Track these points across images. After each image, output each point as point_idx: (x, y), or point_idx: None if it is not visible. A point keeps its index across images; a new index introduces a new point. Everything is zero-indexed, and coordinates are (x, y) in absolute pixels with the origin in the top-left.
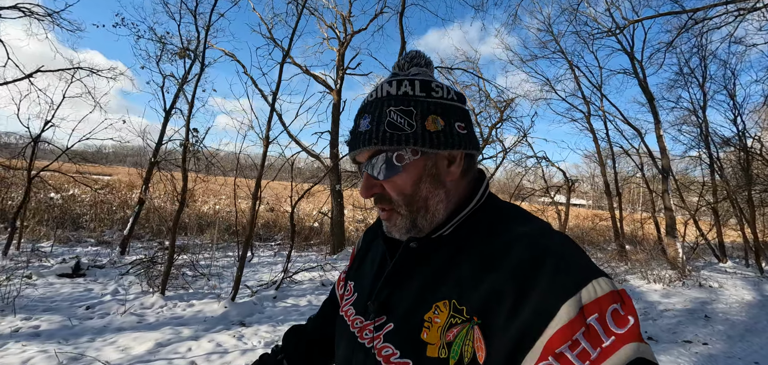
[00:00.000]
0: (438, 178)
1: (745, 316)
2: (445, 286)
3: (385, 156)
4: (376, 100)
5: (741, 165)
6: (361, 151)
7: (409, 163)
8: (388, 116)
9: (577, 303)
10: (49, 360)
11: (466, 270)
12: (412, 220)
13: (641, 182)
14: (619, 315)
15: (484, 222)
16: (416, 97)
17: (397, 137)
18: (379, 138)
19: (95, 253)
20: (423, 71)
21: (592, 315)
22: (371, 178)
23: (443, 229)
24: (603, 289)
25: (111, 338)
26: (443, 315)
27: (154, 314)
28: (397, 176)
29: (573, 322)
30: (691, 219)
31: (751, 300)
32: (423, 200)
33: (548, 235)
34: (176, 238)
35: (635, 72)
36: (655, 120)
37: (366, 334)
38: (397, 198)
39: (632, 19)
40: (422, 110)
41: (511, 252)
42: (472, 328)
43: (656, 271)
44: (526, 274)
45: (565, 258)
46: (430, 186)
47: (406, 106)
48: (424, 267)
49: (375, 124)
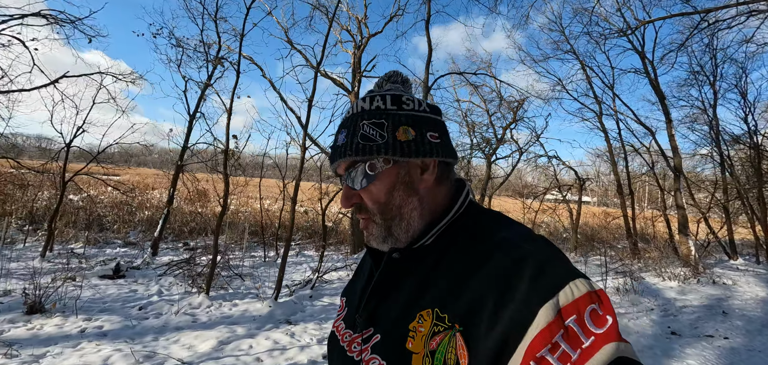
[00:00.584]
0: (411, 185)
1: (761, 312)
2: (429, 295)
3: (361, 165)
4: (352, 115)
5: (751, 162)
6: (340, 163)
7: (382, 172)
8: (362, 129)
9: (555, 306)
10: (126, 358)
11: (448, 278)
12: (387, 228)
13: (652, 180)
14: (598, 315)
15: (465, 229)
16: (387, 110)
17: (369, 148)
18: (353, 149)
19: (124, 254)
20: (396, 87)
21: (570, 316)
22: (350, 189)
23: (425, 239)
24: (580, 290)
25: (173, 336)
26: (427, 324)
27: (205, 314)
28: (371, 185)
29: (552, 325)
30: (704, 217)
31: (765, 296)
32: (397, 208)
33: (528, 240)
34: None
35: (646, 71)
36: (667, 119)
37: (354, 347)
38: (372, 206)
39: (644, 20)
40: (393, 122)
41: (492, 259)
42: (454, 336)
43: (670, 269)
44: (506, 280)
45: (543, 263)
46: (403, 194)
47: (377, 118)
48: (408, 278)
49: (350, 137)
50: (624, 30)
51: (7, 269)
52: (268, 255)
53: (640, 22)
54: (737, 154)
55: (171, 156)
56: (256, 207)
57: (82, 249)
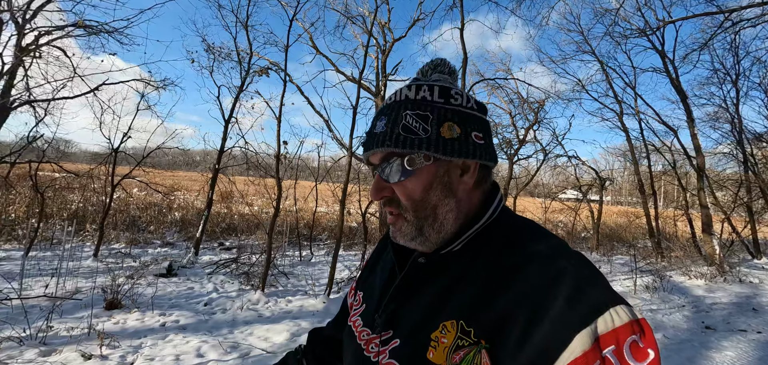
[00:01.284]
0: (449, 186)
1: None
2: (454, 305)
3: (398, 159)
4: (394, 103)
5: None
6: (375, 152)
7: (421, 168)
8: (404, 119)
9: (593, 334)
10: (214, 348)
11: (476, 289)
12: (419, 227)
13: (669, 179)
14: (638, 347)
15: (496, 238)
16: (434, 103)
17: (410, 141)
18: (393, 140)
19: (166, 254)
20: (444, 78)
21: (608, 347)
22: (382, 180)
23: (453, 245)
24: (621, 319)
25: (246, 329)
26: (450, 336)
27: (266, 309)
28: (407, 180)
29: (587, 354)
30: (727, 216)
31: None
32: (432, 208)
33: (563, 256)
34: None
35: (667, 70)
36: (689, 118)
37: (372, 348)
38: (405, 202)
39: (666, 20)
40: (439, 116)
41: (524, 273)
42: (479, 352)
43: (694, 268)
44: (539, 299)
45: (581, 283)
46: (440, 194)
47: (422, 110)
48: (432, 284)
49: (390, 126)
50: (644, 30)
51: (66, 268)
52: (302, 255)
53: (663, 23)
54: (762, 152)
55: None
56: (288, 208)
57: (127, 249)
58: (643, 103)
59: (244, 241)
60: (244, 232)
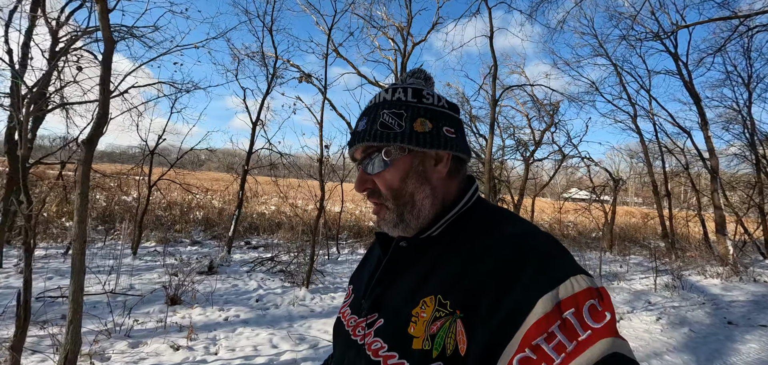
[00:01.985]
0: (424, 175)
1: None
2: (432, 283)
3: (377, 153)
4: (374, 105)
5: None
6: (357, 148)
7: (397, 159)
8: (381, 117)
9: (554, 298)
10: (284, 340)
11: (453, 267)
12: (399, 214)
13: (685, 181)
14: (597, 310)
15: (472, 223)
16: (407, 102)
17: (386, 135)
18: (371, 135)
19: (198, 252)
20: (418, 82)
21: (568, 309)
22: (364, 174)
23: (432, 230)
24: (580, 285)
25: (304, 323)
26: (429, 310)
27: (315, 305)
28: (386, 171)
29: (549, 315)
30: (739, 218)
31: None
32: (409, 195)
33: (533, 235)
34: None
35: (680, 73)
36: (703, 121)
37: (359, 331)
38: (385, 192)
39: (681, 25)
40: (412, 113)
41: (496, 250)
42: (454, 321)
43: (710, 268)
44: (508, 270)
45: (546, 256)
46: (416, 183)
47: (397, 109)
48: (414, 266)
49: (370, 124)
50: (658, 33)
51: (109, 266)
52: (329, 253)
53: (677, 27)
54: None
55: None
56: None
57: (160, 247)
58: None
59: (267, 240)
60: (265, 231)
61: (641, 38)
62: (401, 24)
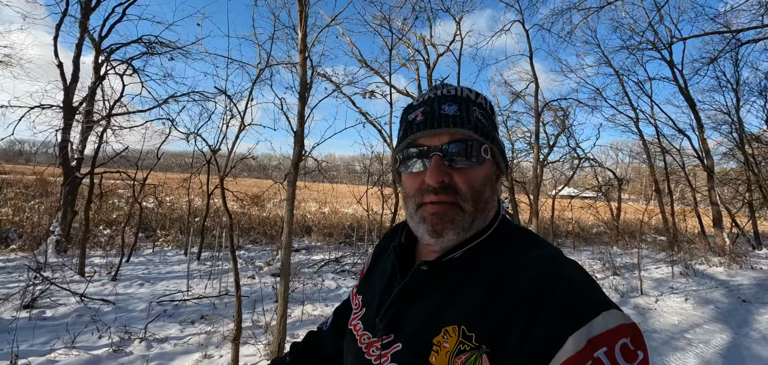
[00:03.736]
0: (494, 187)
1: None
2: (455, 310)
3: (472, 144)
4: (462, 97)
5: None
6: (443, 132)
7: (487, 161)
8: (475, 113)
9: (585, 335)
10: None
11: (477, 294)
12: (473, 220)
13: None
14: (629, 349)
15: (494, 246)
16: (489, 111)
17: (486, 130)
18: (471, 124)
19: (256, 255)
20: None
21: (600, 348)
22: (442, 163)
23: (455, 252)
24: (613, 322)
25: None
26: (452, 341)
27: None
28: (472, 168)
29: (580, 354)
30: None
31: None
32: (484, 202)
33: (558, 263)
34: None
35: (675, 79)
36: (699, 125)
37: (373, 351)
38: (467, 191)
39: (678, 38)
40: (493, 123)
41: (521, 279)
42: (480, 356)
43: (712, 258)
44: (536, 303)
45: (575, 288)
46: (490, 192)
47: (485, 112)
48: (434, 290)
49: (464, 112)
50: (656, 44)
51: (174, 271)
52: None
53: (675, 39)
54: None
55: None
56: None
57: (216, 252)
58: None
59: (303, 243)
60: (296, 235)
61: (641, 48)
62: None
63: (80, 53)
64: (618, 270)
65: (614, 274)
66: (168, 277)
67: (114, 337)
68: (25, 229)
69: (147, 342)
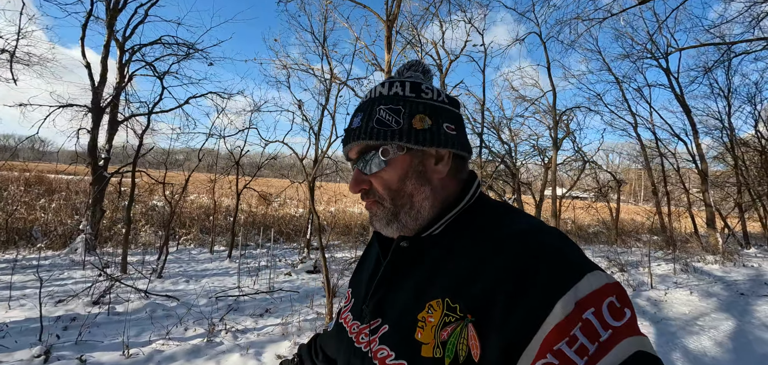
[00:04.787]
0: (424, 175)
1: None
2: (438, 285)
3: (374, 151)
4: (369, 100)
5: (763, 164)
6: (352, 147)
7: (395, 159)
8: (377, 114)
9: (572, 298)
10: None
11: (459, 267)
12: (395, 214)
13: (678, 182)
14: (616, 307)
15: (475, 220)
16: (405, 97)
17: (383, 133)
18: (368, 133)
19: (283, 254)
20: (417, 76)
21: (588, 309)
22: (360, 174)
23: (433, 228)
24: (598, 282)
25: None
26: (437, 314)
27: None
28: (383, 171)
29: (569, 318)
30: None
31: None
32: (408, 196)
33: (541, 231)
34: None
35: (672, 87)
36: (694, 130)
37: (362, 338)
38: (383, 192)
39: (675, 48)
40: (410, 109)
41: (504, 249)
42: (466, 326)
43: (707, 256)
44: (520, 271)
45: (559, 254)
46: (416, 183)
47: (395, 104)
48: (416, 267)
49: (365, 121)
50: (654, 53)
51: (209, 269)
52: None
53: (673, 50)
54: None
55: None
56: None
57: (242, 250)
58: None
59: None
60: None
61: (641, 57)
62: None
63: (108, 54)
64: (624, 266)
65: (621, 271)
66: (207, 274)
67: (197, 328)
68: (47, 227)
69: (232, 333)
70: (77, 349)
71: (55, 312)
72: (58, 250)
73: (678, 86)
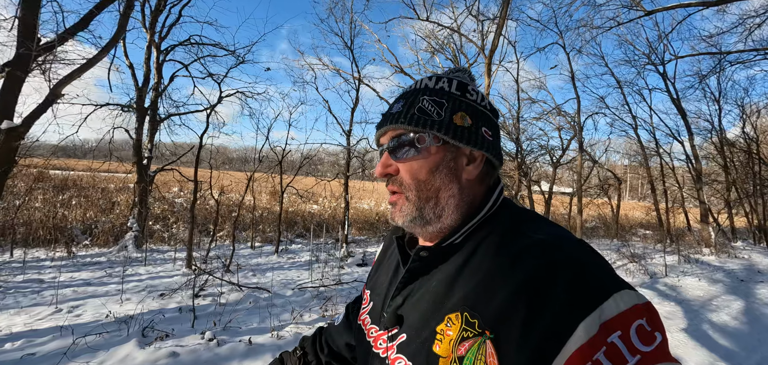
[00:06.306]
0: (455, 172)
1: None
2: (457, 297)
3: (408, 136)
4: (413, 90)
5: (749, 163)
6: (387, 129)
7: (429, 149)
8: (420, 103)
9: (597, 320)
10: None
11: (479, 279)
12: (419, 208)
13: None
14: (646, 330)
15: (496, 229)
16: (451, 93)
17: (423, 121)
18: (407, 118)
19: (327, 247)
20: (464, 76)
21: (614, 332)
22: (389, 157)
23: (455, 237)
24: (626, 303)
25: None
26: (455, 328)
27: None
28: (414, 159)
29: (593, 340)
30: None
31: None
32: (435, 190)
33: (565, 242)
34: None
35: (668, 91)
36: (689, 132)
37: (380, 344)
38: (409, 181)
39: (673, 56)
40: (453, 105)
41: (525, 260)
42: (484, 343)
43: (703, 249)
44: (541, 287)
45: (583, 269)
46: (445, 178)
47: (439, 98)
48: (435, 277)
49: (406, 107)
50: (653, 60)
51: (269, 263)
52: None
53: (672, 57)
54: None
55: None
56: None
57: (286, 246)
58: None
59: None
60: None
61: (641, 63)
62: (452, 45)
63: (150, 56)
64: (635, 257)
65: (631, 262)
66: (272, 268)
67: (311, 315)
68: (85, 225)
69: None
70: (227, 334)
71: (168, 305)
72: (108, 248)
73: (675, 91)
